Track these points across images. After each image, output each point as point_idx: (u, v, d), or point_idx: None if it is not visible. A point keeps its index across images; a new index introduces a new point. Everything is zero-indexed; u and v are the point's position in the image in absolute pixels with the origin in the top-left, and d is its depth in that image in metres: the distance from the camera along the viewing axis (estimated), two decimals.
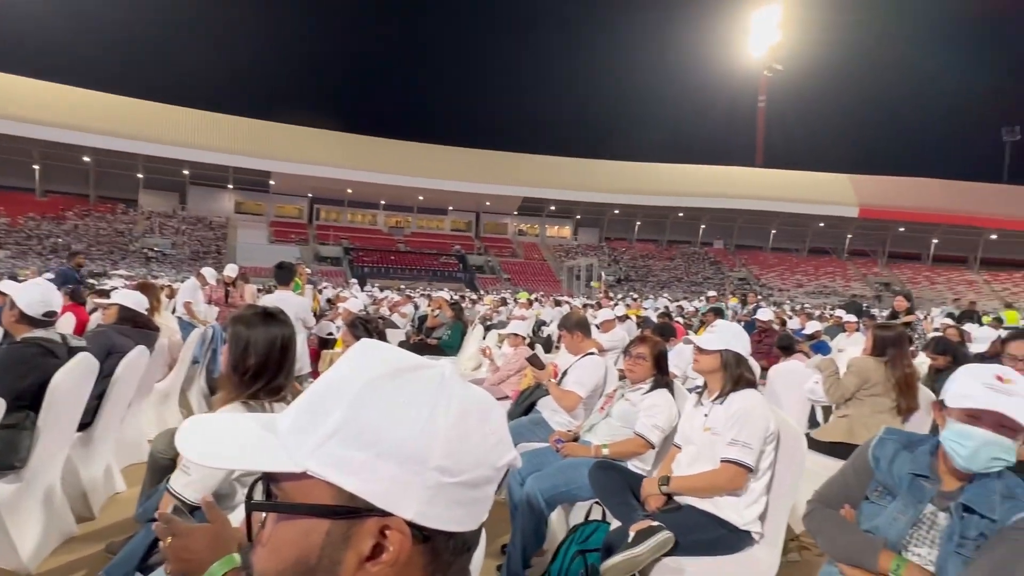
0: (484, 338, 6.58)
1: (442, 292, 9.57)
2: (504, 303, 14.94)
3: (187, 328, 5.54)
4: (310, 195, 44.19)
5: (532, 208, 46.64)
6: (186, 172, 39.68)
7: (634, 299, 19.25)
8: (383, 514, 0.48)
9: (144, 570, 1.61)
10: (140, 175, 39.40)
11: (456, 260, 42.43)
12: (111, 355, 3.04)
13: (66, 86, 36.05)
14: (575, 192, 43.70)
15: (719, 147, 78.07)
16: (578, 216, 47.80)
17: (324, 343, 6.23)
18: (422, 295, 16.93)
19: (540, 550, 2.56)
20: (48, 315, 2.52)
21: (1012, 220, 43.08)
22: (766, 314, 7.29)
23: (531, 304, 13.50)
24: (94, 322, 5.18)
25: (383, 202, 45.70)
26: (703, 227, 48.10)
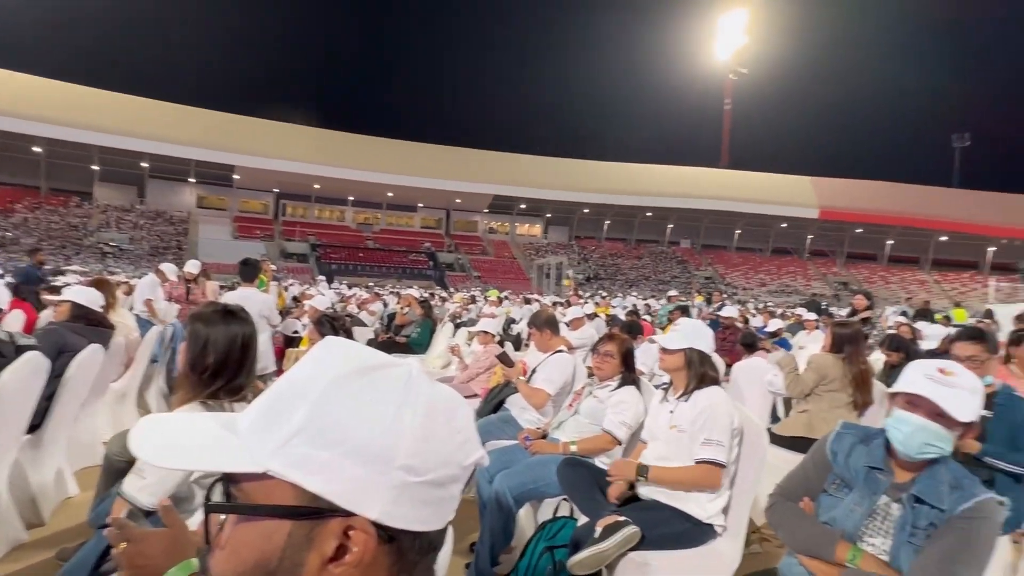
0: (454, 336, 6.55)
1: (411, 290, 9.49)
2: (473, 301, 14.90)
3: (145, 326, 5.35)
4: (276, 190, 43.21)
5: (503, 206, 46.61)
6: (145, 164, 38.31)
7: (603, 297, 19.46)
8: (347, 514, 0.47)
9: None
10: (95, 167, 37.86)
11: (426, 257, 42.11)
12: (63, 354, 2.93)
13: (15, 72, 34.28)
14: (545, 191, 43.84)
15: (686, 148, 79.62)
16: (548, 214, 47.99)
17: (290, 341, 6.11)
18: (391, 292, 16.74)
19: (508, 547, 2.57)
20: None
21: (961, 223, 45.05)
22: (730, 312, 7.46)
23: (501, 302, 13.50)
24: (45, 320, 4.97)
25: (351, 198, 44.99)
26: (670, 227, 48.86)
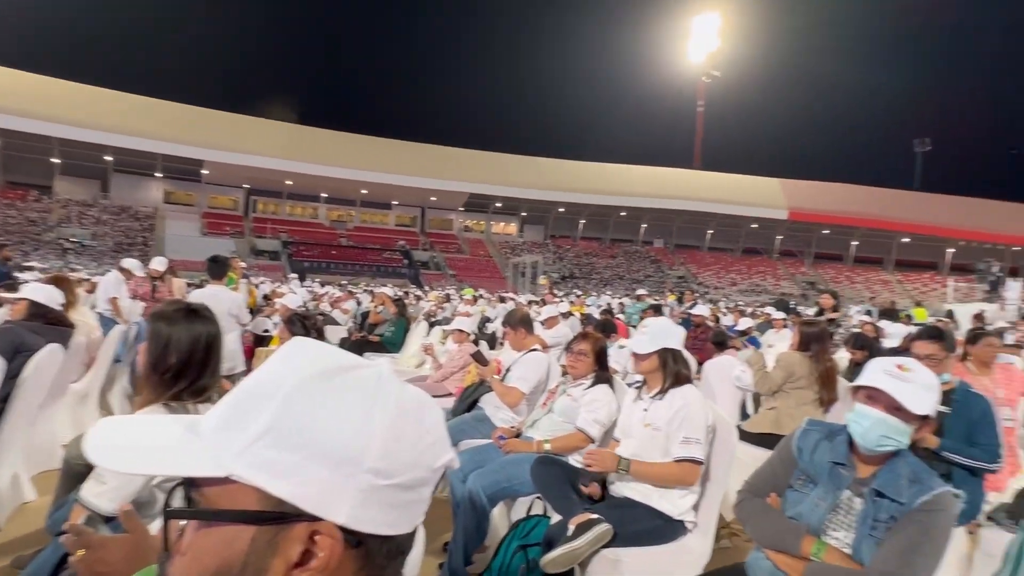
0: (428, 335, 6.51)
1: (385, 288, 9.40)
2: (448, 299, 14.84)
3: (109, 325, 5.19)
4: (247, 186, 42.28)
5: (478, 204, 46.48)
6: (109, 158, 37.06)
7: (578, 296, 19.58)
8: (313, 519, 0.46)
9: None
10: (56, 160, 36.53)
11: (401, 255, 41.76)
12: (19, 354, 2.82)
13: None
14: (521, 189, 43.88)
15: (660, 149, 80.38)
16: (524, 213, 48.04)
17: (260, 340, 5.99)
18: (365, 291, 16.54)
19: (482, 546, 2.57)
20: None
21: (922, 225, 46.67)
22: (702, 310, 7.58)
23: (476, 300, 13.47)
24: (0, 319, 4.77)
25: (324, 195, 44.32)
26: (644, 226, 49.40)
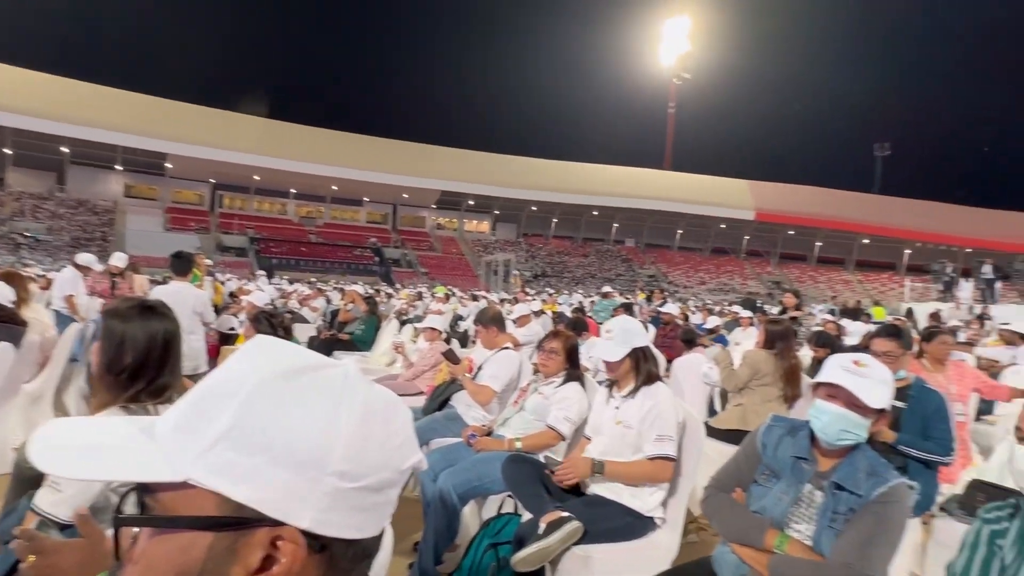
0: (399, 333, 6.45)
1: (356, 286, 9.28)
2: (420, 297, 14.74)
3: (64, 322, 5.01)
4: (212, 180, 41.19)
5: (450, 202, 46.25)
6: (65, 149, 35.63)
7: (550, 295, 19.67)
8: (275, 523, 0.44)
9: None
10: (8, 150, 34.94)
11: (372, 253, 41.27)
12: None
13: None
14: (494, 187, 43.81)
15: (631, 149, 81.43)
16: (496, 211, 48.00)
17: (225, 339, 5.86)
18: (335, 288, 16.29)
19: (452, 545, 2.56)
20: None
21: (882, 227, 48.40)
22: (671, 309, 7.70)
23: (448, 298, 13.41)
24: None
25: (294, 191, 43.48)
26: (616, 226, 49.90)
